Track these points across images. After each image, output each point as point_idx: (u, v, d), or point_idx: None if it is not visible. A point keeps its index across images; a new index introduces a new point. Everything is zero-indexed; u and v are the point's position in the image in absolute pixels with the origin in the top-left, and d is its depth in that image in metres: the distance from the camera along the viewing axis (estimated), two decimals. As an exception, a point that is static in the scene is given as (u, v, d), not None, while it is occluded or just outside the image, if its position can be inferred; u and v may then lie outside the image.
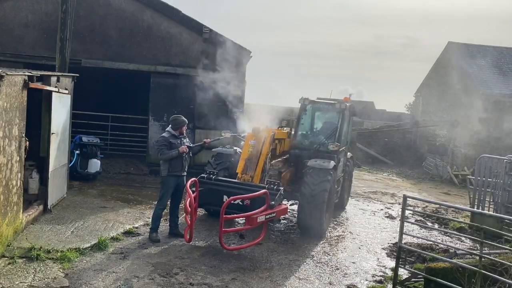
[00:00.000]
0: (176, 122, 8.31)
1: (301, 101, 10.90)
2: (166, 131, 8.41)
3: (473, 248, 9.26)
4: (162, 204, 8.31)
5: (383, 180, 19.67)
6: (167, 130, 8.38)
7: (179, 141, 8.22)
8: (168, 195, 8.33)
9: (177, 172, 8.22)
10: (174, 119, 8.41)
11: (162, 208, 8.31)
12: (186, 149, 8.18)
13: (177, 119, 8.37)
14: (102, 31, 14.14)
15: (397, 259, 6.78)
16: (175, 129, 8.29)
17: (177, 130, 8.29)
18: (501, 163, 10.91)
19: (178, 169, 8.21)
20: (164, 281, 6.38)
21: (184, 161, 8.28)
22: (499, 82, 22.93)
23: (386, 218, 11.78)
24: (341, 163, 10.72)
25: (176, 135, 8.27)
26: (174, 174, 8.20)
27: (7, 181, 6.83)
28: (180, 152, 8.09)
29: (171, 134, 8.26)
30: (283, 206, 8.27)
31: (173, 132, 8.28)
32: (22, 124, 7.39)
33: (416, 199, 10.40)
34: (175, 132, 8.28)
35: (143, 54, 14.32)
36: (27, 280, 5.97)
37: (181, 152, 8.09)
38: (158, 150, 8.23)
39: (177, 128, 8.29)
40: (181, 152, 8.09)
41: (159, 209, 8.27)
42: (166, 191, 8.28)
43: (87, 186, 11.67)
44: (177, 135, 8.28)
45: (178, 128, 8.29)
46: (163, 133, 8.60)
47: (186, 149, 8.16)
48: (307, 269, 7.48)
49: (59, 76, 9.55)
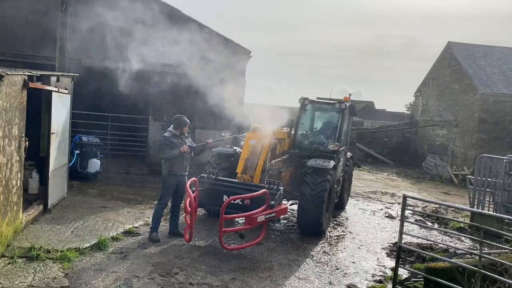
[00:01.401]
0: (178, 122, 8.33)
1: (301, 101, 10.91)
2: (167, 131, 8.42)
3: (473, 248, 9.27)
4: (162, 203, 8.31)
5: (382, 180, 19.68)
6: (169, 129, 8.40)
7: (180, 141, 8.23)
8: (169, 194, 8.33)
9: (177, 171, 8.22)
10: (175, 119, 8.43)
11: (163, 207, 8.31)
12: (187, 149, 8.18)
13: (178, 119, 8.38)
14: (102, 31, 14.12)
15: (397, 259, 6.78)
16: (177, 129, 8.31)
17: (179, 130, 8.30)
18: (501, 163, 10.91)
19: (178, 168, 8.21)
20: (164, 280, 6.38)
21: (185, 161, 8.28)
22: (499, 82, 22.91)
23: (385, 218, 11.79)
24: (341, 163, 10.73)
25: (178, 134, 8.29)
26: (175, 173, 8.21)
27: (7, 181, 6.82)
28: (181, 152, 8.09)
29: (173, 134, 8.28)
30: (283, 206, 8.27)
31: (175, 132, 8.30)
32: (22, 124, 7.39)
33: (416, 199, 10.42)
34: (176, 132, 8.30)
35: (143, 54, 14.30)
36: (27, 280, 5.96)
37: (182, 152, 8.10)
38: (159, 149, 8.26)
39: (179, 128, 8.31)
40: (182, 152, 8.10)
41: (159, 208, 8.28)
42: (166, 190, 8.29)
43: (87, 186, 11.67)
44: (178, 134, 8.29)
45: (179, 128, 8.30)
46: (164, 132, 8.62)
47: (187, 149, 8.17)
48: (307, 268, 7.48)
49: (59, 76, 9.55)
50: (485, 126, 21.94)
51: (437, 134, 25.75)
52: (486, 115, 21.98)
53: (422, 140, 27.25)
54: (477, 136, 22.04)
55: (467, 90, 23.14)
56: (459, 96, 23.82)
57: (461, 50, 24.79)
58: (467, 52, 24.71)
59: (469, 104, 22.91)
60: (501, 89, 22.41)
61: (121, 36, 14.27)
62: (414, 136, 28.08)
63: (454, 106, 24.34)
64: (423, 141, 27.13)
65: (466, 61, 23.87)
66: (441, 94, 25.82)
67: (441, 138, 25.33)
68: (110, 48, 14.24)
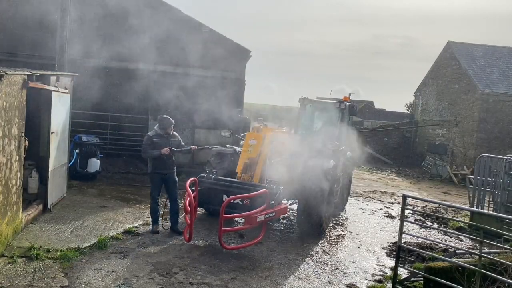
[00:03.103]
0: (162, 123, 8.47)
1: (300, 101, 10.90)
2: (153, 130, 8.60)
3: (472, 247, 9.27)
4: (152, 198, 8.59)
5: (382, 179, 19.69)
6: (154, 128, 8.56)
7: (164, 141, 8.36)
8: (156, 190, 8.56)
9: (160, 170, 8.39)
10: (160, 119, 8.56)
11: (154, 201, 8.56)
12: (167, 151, 8.28)
13: (163, 120, 8.50)
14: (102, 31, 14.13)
15: (397, 259, 6.78)
16: (161, 129, 8.44)
17: (163, 130, 8.44)
18: (500, 162, 10.91)
19: (161, 167, 8.39)
20: (163, 280, 6.38)
21: (168, 160, 8.38)
22: (498, 81, 22.93)
23: (385, 218, 11.79)
24: (341, 162, 10.72)
25: (162, 134, 8.40)
26: (158, 171, 8.41)
27: (6, 181, 6.82)
28: (162, 154, 8.22)
29: (157, 134, 8.42)
30: (282, 206, 8.28)
31: (159, 132, 8.43)
32: (21, 123, 7.39)
33: (416, 199, 10.40)
34: (161, 131, 8.40)
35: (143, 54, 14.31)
36: (27, 280, 5.96)
37: (163, 153, 8.24)
38: (142, 147, 8.47)
39: (163, 128, 8.44)
40: (162, 154, 8.22)
41: (152, 203, 8.58)
42: (153, 186, 8.58)
43: (87, 186, 11.67)
44: (163, 134, 8.40)
45: (164, 129, 8.44)
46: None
47: (167, 151, 8.27)
48: (307, 268, 7.48)
49: (58, 76, 9.55)
50: (484, 126, 21.97)
51: (437, 133, 25.77)
52: (486, 115, 21.99)
53: (422, 139, 27.27)
54: (477, 136, 22.06)
55: (467, 90, 23.16)
56: (459, 96, 23.83)
57: (460, 50, 24.80)
58: (467, 52, 24.73)
59: (468, 104, 22.92)
60: (501, 89, 22.43)
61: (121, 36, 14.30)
62: (414, 135, 28.10)
63: (454, 105, 24.36)
64: (423, 140, 27.15)
65: (466, 61, 23.89)
66: (441, 93, 25.84)
67: (441, 137, 25.35)
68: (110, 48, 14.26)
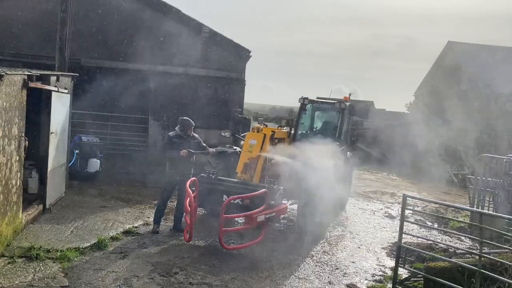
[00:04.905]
0: (183, 124, 8.62)
1: (300, 101, 10.90)
2: (174, 130, 8.74)
3: (472, 247, 9.26)
4: (162, 198, 8.63)
5: (382, 179, 19.69)
6: (176, 129, 8.70)
7: (183, 142, 8.45)
8: (169, 189, 8.60)
9: (177, 170, 8.44)
10: (181, 121, 8.71)
11: (163, 202, 8.59)
12: (185, 154, 8.33)
13: (183, 121, 8.66)
14: (102, 31, 14.12)
15: (397, 259, 6.77)
16: (182, 130, 8.58)
17: (184, 131, 8.56)
18: (501, 162, 10.91)
19: (178, 168, 8.44)
20: (163, 280, 6.38)
21: (186, 162, 8.45)
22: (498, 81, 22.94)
23: (385, 218, 11.78)
24: (341, 162, 10.70)
25: (182, 135, 8.51)
26: (177, 172, 8.47)
27: (6, 181, 6.82)
28: (180, 155, 8.26)
29: (177, 134, 8.56)
30: (282, 206, 8.28)
31: (180, 132, 8.56)
32: (21, 123, 7.39)
33: (416, 199, 10.40)
34: (181, 132, 8.52)
35: (143, 54, 14.31)
36: (27, 280, 5.96)
37: (181, 155, 8.28)
38: (162, 146, 8.61)
39: (184, 129, 8.58)
40: (180, 155, 8.26)
41: (160, 202, 8.63)
42: (166, 184, 8.62)
43: (87, 186, 11.66)
44: (183, 135, 8.51)
45: (184, 130, 8.58)
46: (169, 131, 8.95)
47: (185, 153, 8.32)
48: (307, 268, 7.48)
49: (58, 76, 9.55)
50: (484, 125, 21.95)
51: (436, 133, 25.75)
52: (486, 114, 21.99)
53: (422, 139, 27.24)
54: (477, 136, 22.04)
55: (467, 89, 23.16)
56: (459, 95, 23.84)
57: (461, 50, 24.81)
58: (467, 52, 24.74)
59: (469, 103, 22.93)
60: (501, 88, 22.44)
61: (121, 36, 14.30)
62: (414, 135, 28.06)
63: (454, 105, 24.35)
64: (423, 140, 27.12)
65: (466, 61, 23.90)
66: (441, 93, 25.84)
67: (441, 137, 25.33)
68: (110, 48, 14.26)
